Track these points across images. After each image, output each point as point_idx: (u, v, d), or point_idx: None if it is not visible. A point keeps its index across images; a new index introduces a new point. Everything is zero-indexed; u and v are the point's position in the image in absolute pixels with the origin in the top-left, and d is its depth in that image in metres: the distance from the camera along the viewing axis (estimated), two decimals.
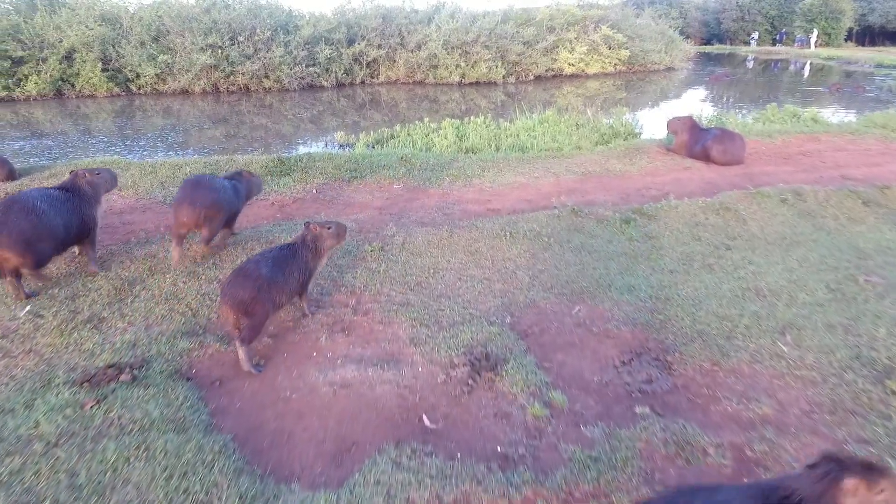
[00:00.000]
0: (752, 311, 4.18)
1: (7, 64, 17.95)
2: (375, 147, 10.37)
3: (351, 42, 22.21)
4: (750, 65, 34.78)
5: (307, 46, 20.96)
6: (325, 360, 3.66)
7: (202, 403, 3.22)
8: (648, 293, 4.48)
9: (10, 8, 19.58)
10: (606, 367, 3.60)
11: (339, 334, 3.96)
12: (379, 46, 22.26)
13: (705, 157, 8.44)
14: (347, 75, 22.11)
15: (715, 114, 12.64)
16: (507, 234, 5.53)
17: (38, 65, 18.37)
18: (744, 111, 15.72)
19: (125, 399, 3.17)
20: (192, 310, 4.24)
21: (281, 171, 7.84)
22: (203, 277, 4.71)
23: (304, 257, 4.06)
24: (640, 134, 10.98)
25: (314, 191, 7.27)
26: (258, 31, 20.11)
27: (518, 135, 10.39)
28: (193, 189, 4.88)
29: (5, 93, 17.81)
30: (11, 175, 7.47)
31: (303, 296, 4.18)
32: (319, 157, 8.49)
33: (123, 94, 19.51)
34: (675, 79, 26.08)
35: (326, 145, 11.47)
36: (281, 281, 3.83)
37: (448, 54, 22.34)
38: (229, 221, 5.28)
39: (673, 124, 8.94)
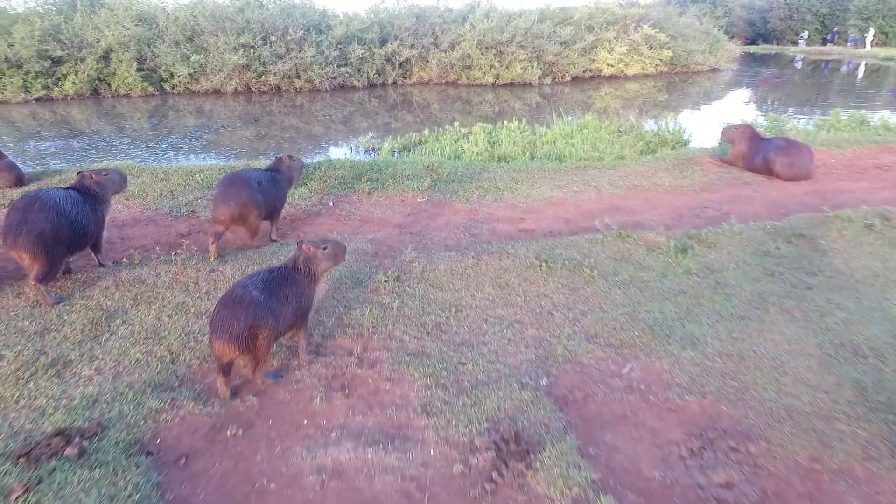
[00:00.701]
0: (852, 379, 3.28)
1: (47, 64, 17.93)
2: (401, 153, 9.65)
3: (383, 42, 21.58)
4: (798, 65, 32.81)
5: (339, 46, 20.41)
6: (317, 433, 2.94)
7: (157, 495, 2.54)
8: (716, 347, 3.62)
9: (53, 8, 19.63)
10: (669, 457, 2.78)
11: (338, 393, 3.23)
12: (412, 46, 21.58)
13: (767, 171, 7.43)
14: (379, 75, 21.50)
15: (769, 119, 11.49)
16: (543, 263, 4.71)
17: (76, 64, 18.32)
18: (801, 116, 14.43)
19: (61, 487, 2.51)
20: (171, 353, 3.58)
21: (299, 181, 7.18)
22: (192, 310, 4.06)
23: (298, 281, 3.40)
24: (689, 142, 9.96)
25: (330, 203, 6.59)
26: (290, 30, 19.66)
27: (555, 142, 9.52)
28: (228, 188, 4.94)
29: (44, 92, 17.79)
30: (20, 180, 7.04)
31: (301, 331, 3.50)
32: (340, 165, 7.82)
33: (157, 93, 19.34)
34: (719, 80, 24.60)
35: (351, 150, 10.81)
36: (276, 306, 3.19)
37: (482, 54, 21.49)
38: (274, 214, 5.40)
39: (729, 133, 7.94)
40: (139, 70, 18.87)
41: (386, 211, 6.41)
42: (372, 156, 10.17)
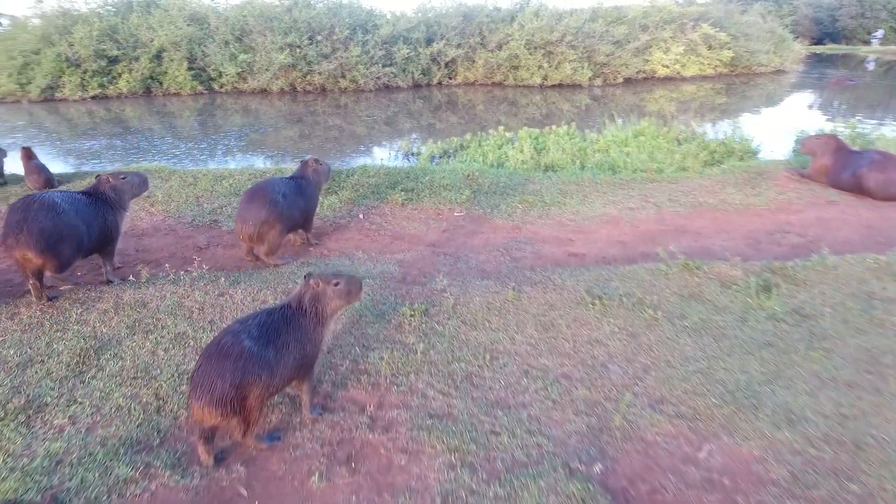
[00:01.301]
0: None
1: (103, 63, 18.21)
2: (441, 160, 9.02)
3: (429, 41, 21.01)
4: (870, 67, 30.34)
5: (385, 46, 19.96)
6: None
7: None
8: (821, 428, 2.81)
9: (112, 9, 19.98)
10: None
11: (342, 468, 2.61)
12: (458, 46, 20.91)
13: (857, 189, 6.41)
14: (424, 76, 20.94)
15: (849, 126, 10.23)
16: (596, 299, 3.97)
17: (130, 63, 18.53)
18: (871, 121, 12.97)
19: None
20: (158, 399, 3.05)
21: (329, 189, 6.66)
22: (190, 343, 3.54)
23: (302, 325, 2.80)
24: (758, 152, 8.92)
25: (360, 215, 6.01)
26: (337, 30, 19.33)
27: (607, 150, 8.68)
28: (247, 204, 4.64)
29: (100, 90, 18.05)
30: (49, 183, 6.78)
31: (305, 384, 2.91)
32: (374, 172, 7.25)
33: (206, 92, 19.38)
34: (784, 83, 22.86)
35: (390, 154, 10.25)
36: (272, 357, 2.61)
37: (530, 54, 20.61)
38: (305, 223, 5.09)
39: (810, 144, 6.93)
40: (189, 69, 18.94)
41: (419, 226, 5.78)
42: (411, 161, 9.59)
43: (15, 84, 17.24)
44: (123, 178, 4.50)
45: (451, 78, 21.49)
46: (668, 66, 21.99)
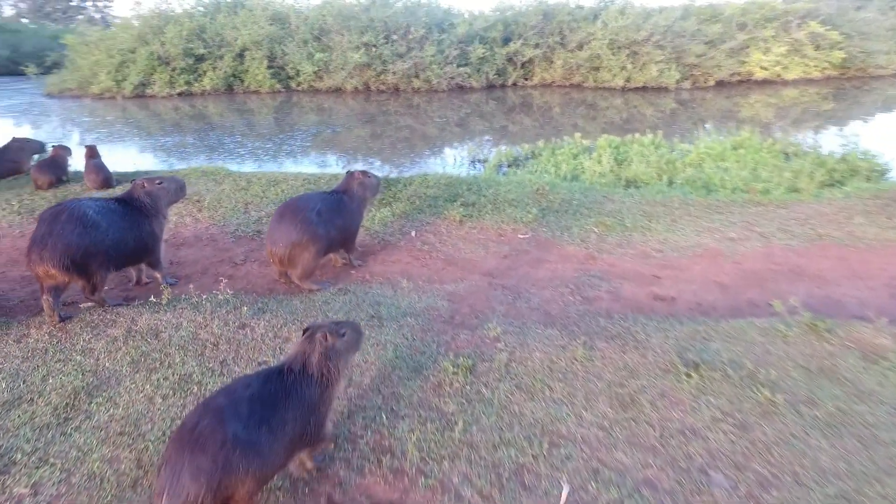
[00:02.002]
0: None
1: (191, 61, 18.77)
2: (509, 169, 8.20)
3: (506, 41, 20.11)
4: None
5: (460, 45, 19.29)
6: None
7: None
8: None
9: (202, 9, 20.61)
10: None
11: None
12: (536, 46, 19.87)
13: None
14: (499, 76, 20.08)
15: None
16: (691, 367, 3.06)
17: (215, 62, 18.98)
18: None
19: None
20: (140, 465, 2.50)
21: (383, 200, 6.04)
22: (193, 389, 2.98)
23: (304, 394, 2.25)
24: (888, 171, 7.43)
25: (412, 233, 5.34)
26: (413, 29, 18.89)
27: (701, 163, 7.52)
28: (278, 222, 4.14)
29: (186, 87, 18.61)
30: (107, 182, 6.62)
31: (307, 457, 2.38)
32: (434, 182, 6.56)
33: (283, 90, 19.53)
34: None
35: (455, 161, 9.53)
36: (265, 441, 2.08)
37: (613, 55, 19.22)
38: (346, 243, 4.49)
39: None
40: (269, 68, 19.15)
41: (477, 249, 5.02)
42: (477, 168, 8.84)
43: (112, 81, 18.07)
44: (160, 184, 4.15)
45: (526, 79, 20.50)
46: (767, 69, 19.87)
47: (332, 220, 4.24)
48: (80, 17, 43.08)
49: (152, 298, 3.90)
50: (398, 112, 16.22)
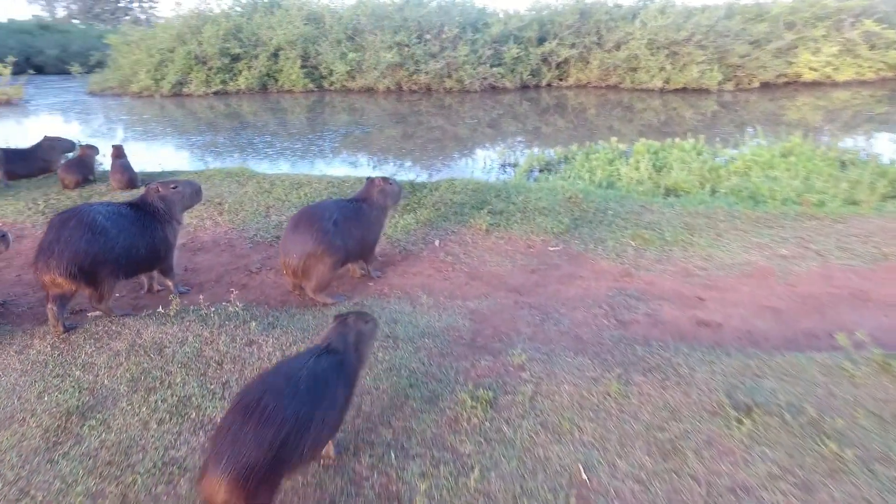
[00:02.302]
0: None
1: (227, 60, 18.93)
2: (541, 174, 7.83)
3: (541, 41, 19.63)
4: None
5: (494, 45, 18.91)
6: None
7: None
8: None
9: (240, 9, 20.79)
10: None
11: None
12: (572, 46, 19.33)
13: None
14: (533, 76, 19.62)
15: None
16: (741, 410, 2.68)
17: (250, 61, 19.10)
18: None
19: None
20: (125, 502, 2.28)
21: (407, 206, 5.77)
22: (192, 414, 2.76)
23: (348, 373, 2.41)
24: None
25: (436, 243, 5.04)
26: (446, 28, 18.60)
27: (747, 171, 7.00)
28: (292, 232, 3.90)
29: (221, 86, 18.77)
30: (132, 183, 6.54)
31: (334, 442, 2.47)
32: (461, 187, 6.25)
33: (316, 90, 19.52)
34: None
35: (485, 164, 9.20)
36: (318, 422, 2.15)
37: (652, 55, 18.53)
38: (364, 253, 4.23)
39: None
40: (303, 67, 19.17)
41: (504, 262, 4.69)
42: (507, 173, 8.49)
43: (151, 80, 18.36)
44: (174, 188, 3.97)
45: (561, 79, 19.98)
46: (816, 70, 18.85)
47: (349, 231, 3.99)
48: (127, 17, 44.34)
49: (160, 309, 3.71)
50: (430, 112, 15.99)
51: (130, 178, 6.50)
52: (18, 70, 19.09)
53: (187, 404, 2.83)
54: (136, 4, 47.24)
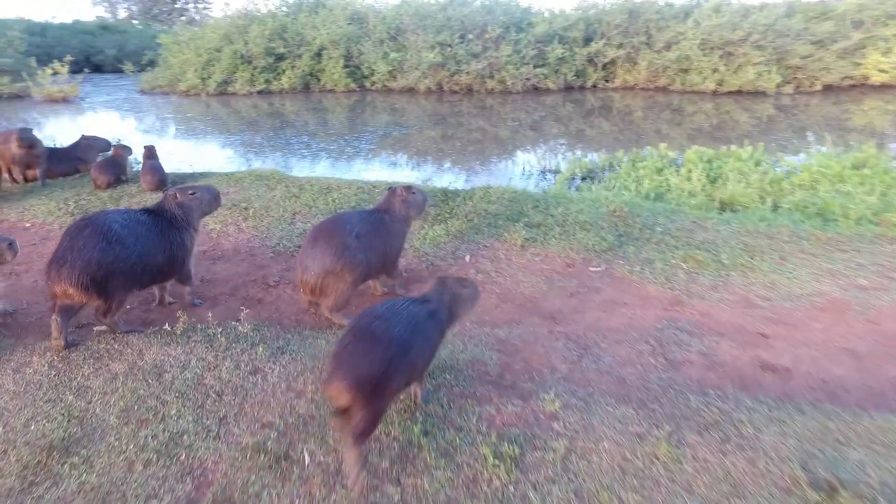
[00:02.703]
0: None
1: (271, 60, 19.04)
2: (583, 183, 7.31)
3: (587, 41, 18.91)
4: None
5: (538, 45, 18.31)
6: None
7: None
8: None
9: (286, 9, 20.90)
10: None
11: None
12: (619, 46, 18.53)
13: None
14: (578, 77, 18.93)
15: None
16: (821, 489, 2.18)
17: (293, 61, 19.15)
18: None
19: None
20: None
21: (437, 216, 5.40)
22: (181, 457, 2.46)
23: (437, 324, 2.69)
24: None
25: (467, 258, 4.65)
26: (489, 28, 18.13)
27: (813, 184, 6.31)
28: (310, 247, 3.60)
29: (265, 86, 18.88)
30: (162, 184, 6.41)
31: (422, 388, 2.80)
32: (497, 196, 5.84)
33: (358, 89, 19.41)
34: None
35: (524, 169, 8.73)
36: (416, 351, 2.52)
37: (705, 56, 17.56)
38: (387, 267, 3.90)
39: None
40: (345, 67, 19.08)
41: (539, 282, 4.25)
42: (547, 180, 8.01)
43: (198, 79, 18.64)
44: (192, 195, 3.81)
45: (607, 81, 19.21)
46: (886, 71, 17.45)
47: (371, 244, 3.66)
48: (182, 18, 45.68)
49: (167, 326, 3.46)
50: (470, 113, 15.59)
51: (160, 180, 6.38)
52: (78, 69, 19.83)
53: (178, 443, 2.54)
54: (190, 5, 48.59)
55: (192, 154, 9.82)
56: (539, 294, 4.09)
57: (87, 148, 7.00)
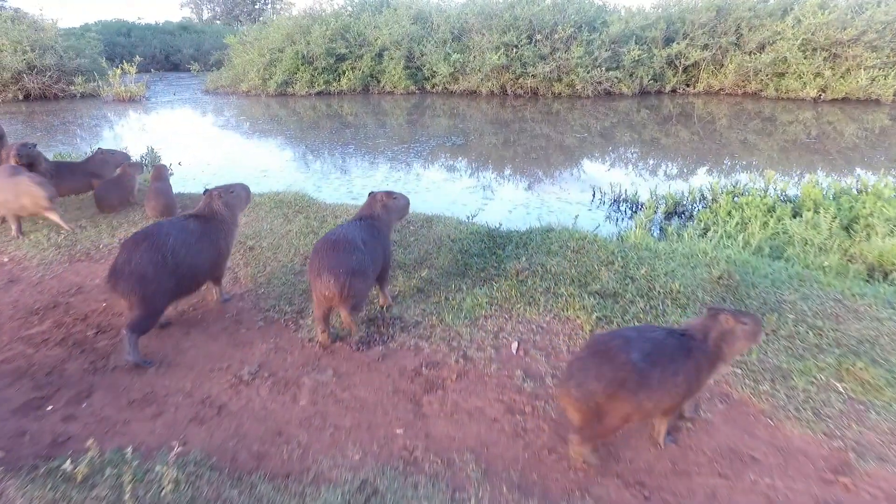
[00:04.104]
0: None
1: (332, 60, 18.25)
2: (669, 221, 5.73)
3: (668, 41, 16.82)
4: None
5: (612, 46, 16.43)
6: None
7: None
8: None
9: (350, 9, 20.07)
10: None
11: None
12: (705, 47, 16.33)
13: None
14: (655, 81, 16.88)
15: None
16: None
17: (354, 62, 18.28)
18: None
19: None
20: None
21: (483, 271, 4.06)
22: None
23: (697, 361, 2.36)
24: None
25: (513, 347, 3.29)
26: (560, 28, 16.42)
27: None
28: (331, 252, 3.28)
29: (325, 87, 18.12)
30: (168, 210, 5.49)
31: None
32: (558, 245, 4.43)
33: (418, 91, 18.28)
34: None
35: (594, 197, 7.17)
36: (655, 381, 2.25)
37: (806, 58, 15.10)
38: (383, 274, 3.72)
39: None
40: (406, 68, 18.01)
41: None
42: (623, 214, 6.45)
43: (259, 80, 18.14)
44: (232, 192, 3.82)
45: (689, 85, 17.05)
46: None
47: (374, 249, 3.50)
48: (261, 18, 46.40)
49: (68, 464, 2.34)
50: (535, 119, 14.07)
51: (166, 205, 5.41)
52: (158, 67, 19.93)
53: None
54: (269, 6, 49.35)
55: (248, 155, 9.03)
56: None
57: (101, 163, 6.15)
